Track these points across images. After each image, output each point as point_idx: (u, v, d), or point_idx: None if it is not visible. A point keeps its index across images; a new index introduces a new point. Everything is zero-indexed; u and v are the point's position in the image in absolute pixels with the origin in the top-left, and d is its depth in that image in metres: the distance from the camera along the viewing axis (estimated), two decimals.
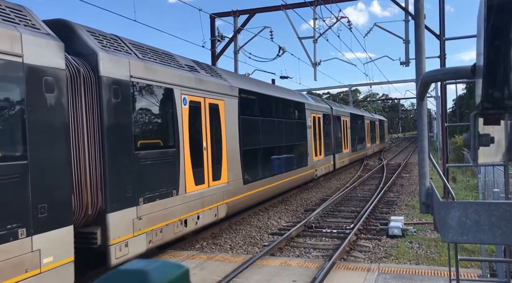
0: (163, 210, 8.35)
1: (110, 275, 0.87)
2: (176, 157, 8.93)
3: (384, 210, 14.15)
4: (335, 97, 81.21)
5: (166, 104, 8.83)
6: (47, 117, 5.90)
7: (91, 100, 6.90)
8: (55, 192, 5.91)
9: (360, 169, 28.49)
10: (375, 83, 41.71)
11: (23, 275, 5.29)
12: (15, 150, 5.44)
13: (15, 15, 5.85)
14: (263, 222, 12.73)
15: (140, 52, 8.45)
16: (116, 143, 7.29)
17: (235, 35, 20.09)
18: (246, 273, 7.57)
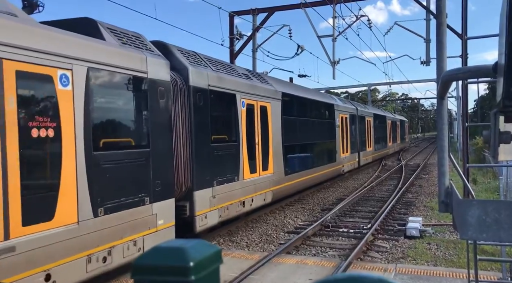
0: (228, 192, 10.33)
1: (152, 251, 0.93)
2: (237, 150, 10.95)
3: (402, 210, 14.01)
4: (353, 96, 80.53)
5: (231, 107, 10.84)
6: (160, 117, 7.87)
7: (184, 104, 8.90)
8: (164, 172, 7.82)
9: (378, 169, 28.23)
10: (394, 83, 41.22)
11: (147, 231, 7.29)
12: (143, 140, 7.45)
13: (139, 41, 7.89)
14: (280, 220, 12.75)
15: (213, 65, 10.57)
16: (200, 137, 9.28)
17: (254, 34, 20.12)
18: (263, 270, 7.61)
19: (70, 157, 5.99)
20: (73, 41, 6.19)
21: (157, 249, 0.92)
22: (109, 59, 6.79)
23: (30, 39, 5.51)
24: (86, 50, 6.36)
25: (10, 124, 5.13)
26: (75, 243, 5.87)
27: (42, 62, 5.64)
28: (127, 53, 7.24)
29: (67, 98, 6.00)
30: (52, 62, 5.77)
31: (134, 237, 6.99)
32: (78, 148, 6.11)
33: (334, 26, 20.20)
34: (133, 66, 7.31)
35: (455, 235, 10.70)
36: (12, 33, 5.27)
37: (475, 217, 1.62)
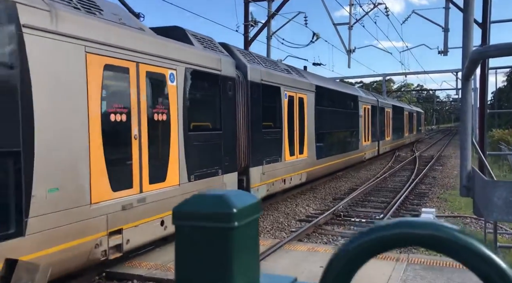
0: (274, 170, 12.15)
1: (194, 198, 0.95)
2: (281, 135, 12.75)
3: (415, 202, 13.89)
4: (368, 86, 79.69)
5: (276, 98, 12.58)
6: (228, 106, 9.72)
7: (243, 95, 10.61)
8: (231, 151, 9.82)
9: (392, 160, 28.00)
10: (410, 73, 40.66)
11: None
12: (217, 124, 9.34)
13: (213, 44, 9.78)
14: (291, 208, 12.75)
15: (263, 62, 12.41)
16: (255, 123, 11.14)
17: (269, 21, 19.94)
18: (274, 256, 7.64)
19: (175, 135, 7.92)
20: (177, 48, 8.15)
21: (200, 196, 0.93)
22: (198, 61, 8.70)
23: (153, 48, 7.40)
24: (184, 54, 8.29)
25: (142, 111, 7.13)
26: (177, 199, 7.40)
27: (160, 64, 7.58)
28: (208, 55, 9.16)
29: (173, 91, 7.93)
30: (165, 64, 7.70)
31: None
32: (179, 129, 8.04)
33: (351, 14, 19.91)
34: (212, 65, 9.18)
35: (469, 227, 10.59)
36: (142, 43, 7.18)
37: (502, 198, 1.57)
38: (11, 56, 5.11)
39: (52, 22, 5.59)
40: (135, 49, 6.99)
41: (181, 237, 0.91)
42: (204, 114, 9.19)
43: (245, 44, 19.51)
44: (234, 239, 0.88)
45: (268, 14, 19.75)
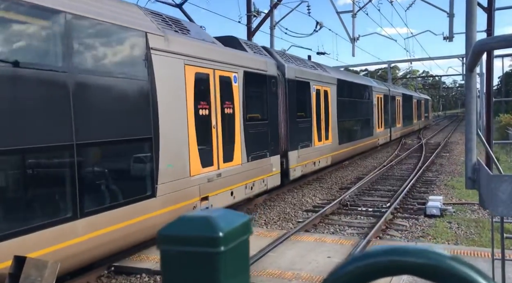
0: (306, 154, 14.25)
1: (179, 221, 0.92)
2: (310, 124, 14.83)
3: (422, 189, 13.85)
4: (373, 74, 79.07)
5: (306, 92, 14.54)
6: (272, 100, 11.86)
7: (281, 91, 12.58)
8: (275, 137, 11.91)
9: (398, 147, 27.88)
10: (415, 60, 40.30)
11: (268, 174, 11.46)
12: (264, 115, 11.48)
13: (258, 49, 12.24)
14: (298, 199, 12.77)
15: (295, 61, 14.54)
16: (291, 114, 13.15)
17: (272, 10, 19.79)
18: (281, 247, 7.66)
19: (238, 125, 10.11)
20: (238, 55, 10.34)
21: (185, 219, 0.90)
22: (251, 64, 10.79)
23: (223, 57, 9.54)
24: (242, 60, 10.42)
25: (218, 107, 9.28)
26: (240, 176, 10.10)
27: (228, 69, 9.69)
28: (258, 59, 11.38)
29: (236, 90, 10.05)
30: (231, 69, 9.84)
31: (262, 177, 11.26)
32: (240, 120, 10.21)
33: (354, 1, 19.70)
34: (261, 67, 11.33)
35: (476, 214, 10.55)
36: (217, 54, 9.32)
37: (507, 193, 1.55)
38: (144, 70, 7.19)
39: (165, 44, 7.71)
40: (213, 59, 9.13)
41: (167, 262, 0.88)
42: (256, 108, 11.24)
43: (248, 35, 19.39)
44: (221, 264, 0.84)
45: (270, 4, 19.59)
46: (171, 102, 7.77)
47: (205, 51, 8.88)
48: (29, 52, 5.44)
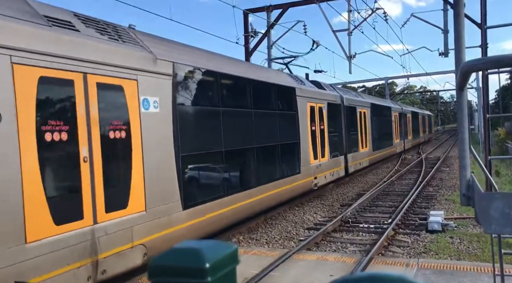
0: (356, 156, 20.07)
1: (169, 252, 0.95)
2: (357, 136, 20.70)
3: (423, 204, 13.82)
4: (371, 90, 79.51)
5: (354, 113, 20.53)
6: (339, 119, 18.04)
7: (343, 114, 18.37)
8: (340, 144, 17.99)
9: (398, 163, 27.89)
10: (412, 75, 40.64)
11: (338, 167, 17.38)
12: (337, 130, 17.71)
13: (332, 87, 19.14)
14: (299, 217, 12.73)
15: (346, 91, 21.30)
16: (347, 129, 18.89)
17: (269, 31, 20.06)
18: (283, 267, 7.61)
19: (326, 135, 16.09)
20: (325, 93, 16.65)
21: (174, 250, 0.94)
22: (330, 98, 16.96)
23: (319, 95, 15.92)
24: (327, 96, 16.68)
25: (320, 123, 15.65)
26: (328, 167, 16.01)
27: (321, 102, 16.06)
28: (332, 94, 17.67)
29: (324, 115, 16.10)
30: (322, 101, 16.02)
31: (337, 169, 17.16)
32: (326, 132, 16.03)
33: (350, 20, 19.98)
34: (334, 99, 17.48)
35: (478, 229, 10.51)
36: (318, 94, 15.94)
37: (498, 211, 1.58)
38: (293, 106, 13.58)
39: (301, 92, 14.04)
40: (314, 97, 15.31)
41: None
42: (332, 125, 17.08)
43: (246, 55, 19.62)
44: None
45: (267, 25, 19.88)
46: (305, 123, 14.40)
47: (313, 94, 15.39)
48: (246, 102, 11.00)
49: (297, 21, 20.21)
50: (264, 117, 11.70)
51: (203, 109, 8.97)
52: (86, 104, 6.05)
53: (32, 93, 5.38)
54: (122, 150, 6.68)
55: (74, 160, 5.83)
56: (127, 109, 6.82)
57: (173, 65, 7.94)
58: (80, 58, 6.00)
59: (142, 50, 7.35)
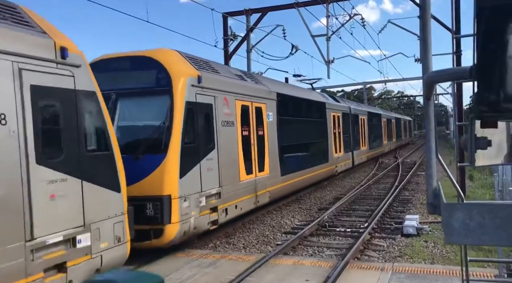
0: (360, 152, 26.52)
1: None
2: (359, 137, 26.68)
3: (399, 208, 14.01)
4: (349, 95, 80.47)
5: (357, 119, 26.66)
6: (347, 124, 24.06)
7: (350, 120, 24.63)
8: (349, 143, 23.95)
9: (375, 167, 28.26)
10: (389, 81, 41.34)
11: (348, 160, 23.84)
12: (346, 132, 23.50)
13: (342, 100, 27.10)
14: (276, 221, 12.72)
15: (352, 103, 30.02)
16: (353, 131, 25.03)
17: (248, 34, 20.09)
18: (259, 272, 7.58)
19: (342, 136, 22.45)
20: (340, 105, 23.58)
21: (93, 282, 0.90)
22: (343, 109, 23.39)
23: (337, 107, 22.82)
24: (341, 107, 23.32)
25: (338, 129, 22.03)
26: (344, 159, 22.65)
27: (339, 113, 22.45)
28: (344, 105, 24.10)
29: (341, 121, 22.50)
30: (338, 112, 22.47)
31: (347, 161, 23.49)
32: (342, 133, 22.60)
33: (328, 26, 20.20)
34: (345, 109, 23.63)
35: None
36: (336, 107, 22.41)
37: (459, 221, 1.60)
38: (324, 115, 19.91)
39: (330, 106, 21.04)
40: (337, 109, 21.95)
41: None
42: (344, 128, 22.83)
43: (225, 58, 19.58)
44: None
45: (247, 28, 19.90)
46: (330, 127, 20.03)
47: (334, 106, 21.43)
48: None
49: (277, 25, 20.34)
50: (311, 123, 18.20)
51: (288, 118, 15.15)
52: (252, 117, 12.41)
53: None
54: (262, 140, 12.96)
55: (249, 145, 12.14)
56: (263, 119, 13.12)
57: (277, 94, 14.24)
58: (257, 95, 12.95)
59: (266, 87, 13.88)
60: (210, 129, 9.91)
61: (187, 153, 8.96)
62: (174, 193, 8.50)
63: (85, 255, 6.07)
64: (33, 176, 5.37)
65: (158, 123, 8.87)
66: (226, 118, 10.63)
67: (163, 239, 8.36)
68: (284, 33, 20.31)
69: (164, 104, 8.87)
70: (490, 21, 1.22)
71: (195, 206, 9.13)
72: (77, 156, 6.10)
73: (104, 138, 6.72)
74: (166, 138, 8.67)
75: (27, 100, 5.43)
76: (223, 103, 10.51)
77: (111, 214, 6.58)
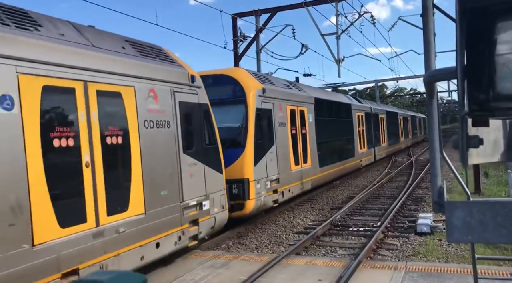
0: (380, 148, 28.93)
1: None
2: (379, 134, 29.07)
3: (412, 207, 13.89)
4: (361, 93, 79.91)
5: (377, 118, 29.12)
6: (369, 123, 26.46)
7: (372, 119, 27.35)
8: (371, 139, 26.51)
9: (388, 165, 28.05)
10: (401, 78, 40.97)
11: (371, 156, 26.41)
12: (369, 130, 26.07)
13: (363, 100, 29.40)
14: (289, 221, 12.72)
15: (372, 103, 32.03)
16: (374, 129, 27.46)
17: (257, 35, 20.11)
18: (271, 272, 7.60)
19: (365, 134, 24.88)
20: (363, 106, 26.22)
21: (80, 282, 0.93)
22: (365, 109, 26.13)
23: (361, 107, 25.31)
24: (364, 107, 25.94)
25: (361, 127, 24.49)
26: (366, 154, 24.90)
27: (363, 113, 25.13)
28: (367, 105, 26.99)
29: (364, 120, 25.00)
30: (362, 112, 24.91)
31: (370, 157, 25.88)
32: (366, 131, 25.29)
33: (337, 24, 20.12)
34: (367, 109, 26.38)
35: None
36: (358, 108, 24.35)
37: (460, 219, 1.60)
38: (350, 115, 22.92)
39: (356, 106, 25.07)
40: (360, 109, 24.43)
41: None
42: (367, 126, 25.17)
43: (235, 60, 19.64)
44: None
45: (256, 29, 19.93)
46: (356, 125, 22.84)
47: (359, 107, 23.31)
48: None
49: (286, 25, 20.33)
50: (341, 123, 20.79)
51: (322, 119, 17.51)
52: (298, 119, 15.09)
53: None
54: (305, 138, 15.47)
55: (296, 141, 14.61)
56: (305, 120, 15.70)
57: (314, 98, 16.81)
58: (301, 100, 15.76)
59: (306, 93, 16.46)
60: (271, 129, 12.74)
61: (257, 147, 11.78)
62: (251, 176, 11.42)
63: (207, 215, 9.06)
64: (182, 160, 8.30)
65: (238, 125, 11.75)
66: (280, 120, 13.42)
67: (244, 211, 11.27)
68: (294, 33, 20.29)
69: (241, 111, 11.67)
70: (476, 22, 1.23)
71: (264, 188, 11.97)
72: (201, 147, 9.01)
73: (213, 135, 9.55)
74: (243, 136, 11.58)
75: (177, 111, 8.29)
76: (278, 108, 13.35)
77: (219, 188, 9.55)
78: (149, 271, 7.68)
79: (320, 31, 20.69)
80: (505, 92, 1.24)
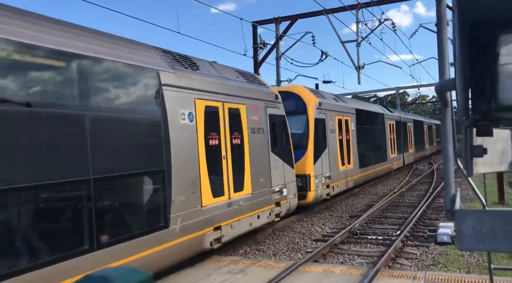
0: (408, 154, 31.45)
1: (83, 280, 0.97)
2: (406, 141, 31.18)
3: (433, 216, 13.67)
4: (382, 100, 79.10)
5: (405, 126, 31.13)
6: (399, 130, 28.46)
7: (401, 127, 29.12)
8: (400, 145, 28.51)
9: (409, 174, 27.66)
10: (423, 86, 40.54)
11: (399, 160, 28.53)
12: (398, 136, 28.49)
13: (393, 109, 34.42)
14: (307, 228, 12.67)
15: (400, 112, 35.53)
16: (403, 135, 29.72)
17: (277, 42, 20.22)
18: (289, 279, 7.59)
19: (395, 141, 26.87)
20: (394, 115, 29.21)
21: (84, 279, 0.97)
22: (396, 118, 28.24)
23: (393, 117, 27.97)
24: (394, 116, 28.23)
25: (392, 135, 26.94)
26: (395, 159, 26.80)
27: (394, 122, 27.36)
28: (396, 115, 29.03)
29: (395, 127, 27.39)
30: (392, 121, 26.95)
31: (399, 161, 28.08)
32: (396, 138, 27.00)
33: (358, 32, 20.06)
34: (397, 118, 28.45)
35: None
36: (391, 116, 27.58)
37: (470, 228, 1.60)
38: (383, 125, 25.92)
39: (386, 115, 26.99)
40: (391, 118, 26.70)
41: None
42: (397, 133, 26.95)
43: (255, 67, 19.78)
44: None
45: (276, 36, 20.03)
46: (388, 133, 25.26)
47: (390, 116, 26.85)
48: None
49: (306, 32, 20.38)
50: (376, 130, 23.07)
51: (361, 127, 19.70)
52: (343, 127, 17.83)
53: None
54: (348, 143, 18.15)
55: (342, 146, 17.40)
56: (349, 128, 18.11)
57: (355, 109, 19.16)
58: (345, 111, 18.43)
59: (349, 105, 18.92)
60: (324, 135, 15.52)
61: (316, 149, 14.59)
62: (311, 172, 14.30)
63: (285, 199, 11.92)
64: (270, 157, 11.18)
65: (301, 131, 14.49)
66: (331, 127, 16.11)
67: (307, 200, 14.04)
68: (314, 40, 20.32)
69: (304, 120, 14.45)
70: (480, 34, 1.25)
71: (320, 182, 14.79)
72: (282, 148, 11.86)
73: (288, 139, 12.43)
74: (305, 140, 14.44)
75: (268, 121, 11.24)
76: (330, 118, 16.07)
77: (292, 179, 12.38)
78: (165, 276, 7.77)
79: (340, 38, 20.66)
80: (508, 102, 1.25)
